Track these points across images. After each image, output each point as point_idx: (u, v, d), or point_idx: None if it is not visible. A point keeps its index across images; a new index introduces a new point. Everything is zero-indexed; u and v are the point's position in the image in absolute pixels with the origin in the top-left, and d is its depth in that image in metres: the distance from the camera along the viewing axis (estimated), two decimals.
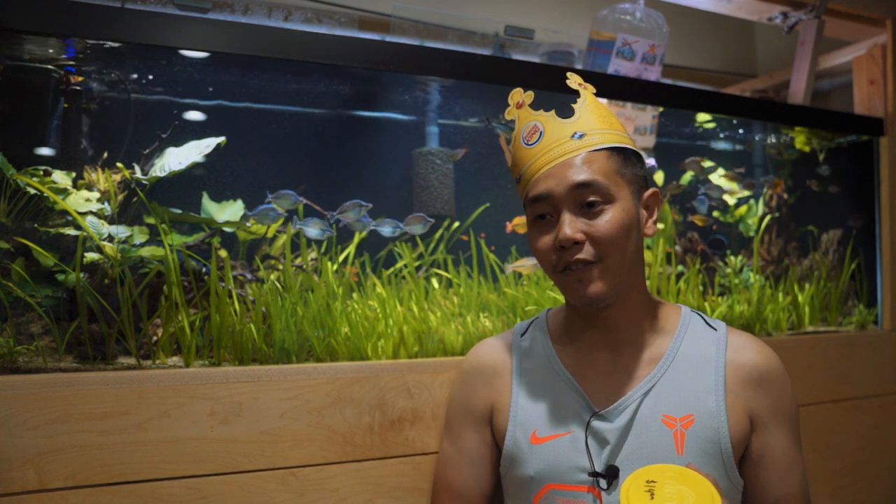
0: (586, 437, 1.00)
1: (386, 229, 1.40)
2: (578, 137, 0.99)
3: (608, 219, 0.97)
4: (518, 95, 1.07)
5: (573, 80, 1.07)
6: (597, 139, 1.00)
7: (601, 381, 1.04)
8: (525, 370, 1.10)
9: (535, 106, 1.06)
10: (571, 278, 0.99)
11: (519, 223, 1.54)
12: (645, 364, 1.04)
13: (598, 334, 1.06)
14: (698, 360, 1.04)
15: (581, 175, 0.97)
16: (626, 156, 1.02)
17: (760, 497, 1.03)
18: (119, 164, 1.27)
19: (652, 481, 0.83)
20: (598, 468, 0.98)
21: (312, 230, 1.33)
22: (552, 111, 1.03)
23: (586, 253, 0.97)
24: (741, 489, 1.03)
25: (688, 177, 1.91)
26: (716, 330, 1.08)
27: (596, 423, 1.00)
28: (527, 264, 1.50)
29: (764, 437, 1.02)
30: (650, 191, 1.06)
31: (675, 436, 0.98)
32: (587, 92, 1.06)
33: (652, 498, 0.81)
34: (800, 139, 2.04)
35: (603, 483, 0.97)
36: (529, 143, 1.03)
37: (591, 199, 0.97)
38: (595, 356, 1.06)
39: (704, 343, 1.06)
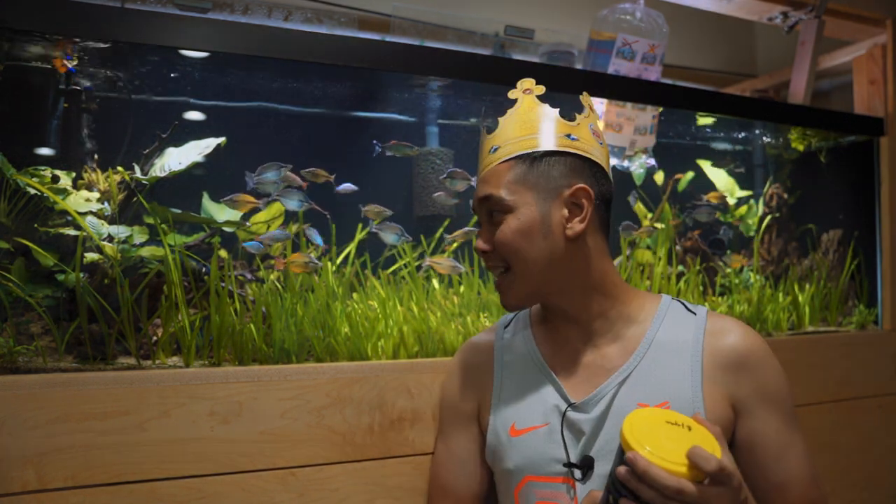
0: (562, 429, 1.01)
1: (390, 236, 1.39)
2: (493, 151, 1.05)
3: (502, 228, 1.02)
4: (529, 84, 1.08)
5: (519, 89, 1.08)
6: (507, 150, 1.03)
7: (578, 372, 1.05)
8: (506, 363, 1.12)
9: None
10: (497, 285, 1.06)
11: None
12: (620, 354, 1.03)
13: (571, 327, 1.07)
14: (675, 347, 1.02)
15: (484, 190, 1.04)
16: (534, 159, 1.01)
17: (760, 484, 1.00)
18: (120, 168, 1.27)
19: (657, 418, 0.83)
20: (574, 459, 0.99)
21: (389, 235, 1.37)
22: (497, 126, 1.06)
23: (497, 261, 1.04)
24: None
25: (688, 177, 1.91)
26: (695, 315, 1.06)
27: (571, 415, 1.01)
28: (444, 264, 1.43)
29: (751, 423, 1.00)
30: (572, 188, 1.01)
31: None
32: (529, 97, 1.06)
33: (652, 432, 0.80)
34: (796, 138, 2.04)
35: (577, 474, 0.98)
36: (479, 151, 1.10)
37: (493, 210, 1.03)
38: (572, 348, 1.07)
39: (683, 329, 1.04)
